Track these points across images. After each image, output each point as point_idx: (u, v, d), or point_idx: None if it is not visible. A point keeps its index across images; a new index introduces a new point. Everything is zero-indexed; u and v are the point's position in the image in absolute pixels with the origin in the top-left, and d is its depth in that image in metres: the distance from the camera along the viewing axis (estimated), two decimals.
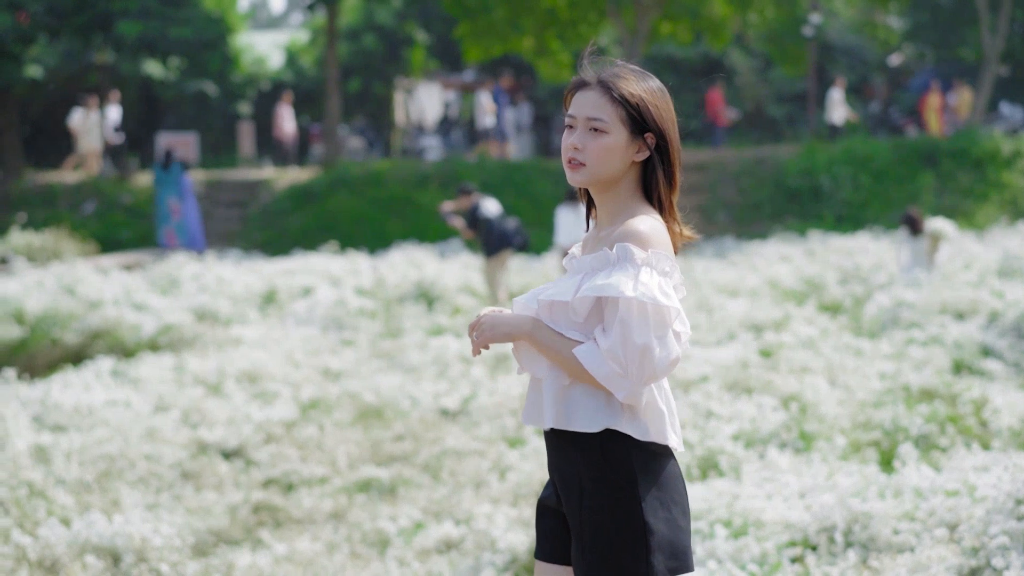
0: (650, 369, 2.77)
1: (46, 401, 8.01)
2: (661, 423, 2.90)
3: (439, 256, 17.97)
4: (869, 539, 4.64)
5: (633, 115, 2.92)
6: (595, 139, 2.93)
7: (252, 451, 7.61)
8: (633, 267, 2.82)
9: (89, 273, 14.89)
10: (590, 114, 2.93)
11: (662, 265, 2.84)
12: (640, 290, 2.77)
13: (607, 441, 2.87)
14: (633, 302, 2.77)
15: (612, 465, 2.86)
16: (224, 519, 6.38)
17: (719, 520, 4.97)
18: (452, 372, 9.88)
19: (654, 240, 2.85)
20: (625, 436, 2.87)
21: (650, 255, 2.83)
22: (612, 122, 2.92)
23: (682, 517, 2.89)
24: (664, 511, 2.86)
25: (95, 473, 6.83)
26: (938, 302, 10.81)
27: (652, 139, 2.95)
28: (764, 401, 6.92)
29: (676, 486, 2.91)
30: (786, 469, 5.69)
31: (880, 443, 6.35)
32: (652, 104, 2.94)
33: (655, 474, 2.87)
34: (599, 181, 2.96)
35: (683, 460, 5.96)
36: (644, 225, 2.87)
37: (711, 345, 9.96)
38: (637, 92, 2.94)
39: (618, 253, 2.85)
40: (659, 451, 2.91)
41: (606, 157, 2.93)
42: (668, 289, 2.82)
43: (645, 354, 2.76)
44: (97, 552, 4.99)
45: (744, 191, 23.70)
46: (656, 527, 2.83)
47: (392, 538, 6.09)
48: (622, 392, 2.80)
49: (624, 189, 2.98)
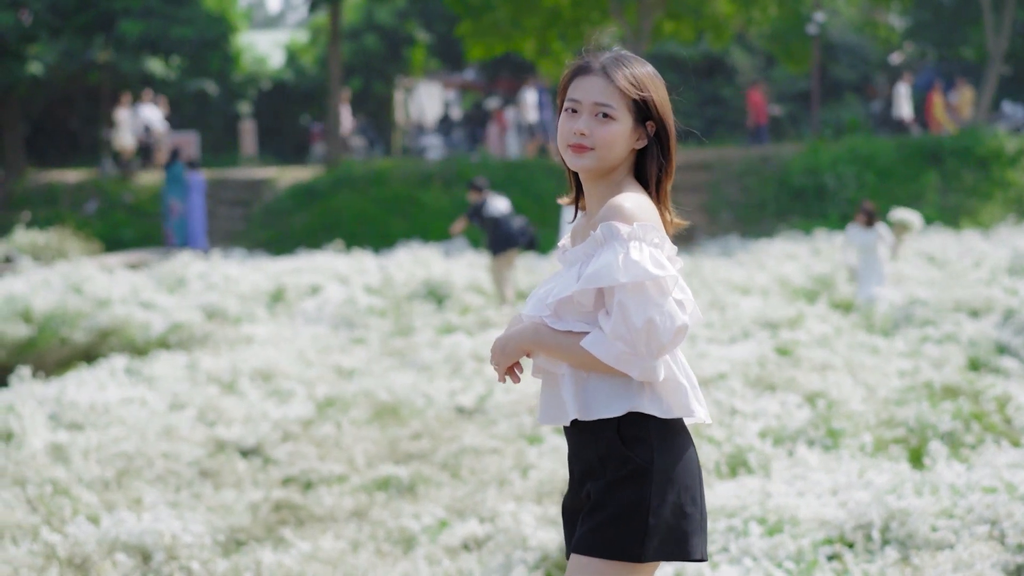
0: (657, 342, 2.75)
1: (61, 399, 7.97)
2: (684, 397, 2.88)
3: (444, 255, 17.94)
4: (907, 536, 4.61)
5: (638, 103, 2.91)
6: (603, 125, 2.91)
7: (270, 449, 7.57)
8: (621, 245, 2.79)
9: (95, 272, 14.86)
10: (598, 99, 2.91)
11: (650, 236, 2.81)
12: (632, 271, 2.75)
13: (625, 422, 2.85)
14: (628, 284, 2.75)
15: (629, 445, 2.85)
16: (245, 517, 6.33)
17: (753, 517, 4.93)
18: (466, 370, 9.84)
19: (639, 214, 2.83)
20: (645, 417, 2.85)
21: (636, 228, 2.80)
22: (620, 109, 2.91)
23: (690, 504, 2.86)
24: (672, 495, 2.83)
25: (114, 471, 6.79)
26: (952, 300, 10.79)
27: (653, 127, 2.94)
28: (788, 398, 6.89)
29: (690, 470, 2.88)
30: (815, 466, 5.66)
31: (906, 440, 6.31)
32: (652, 91, 2.94)
33: (671, 457, 2.85)
34: (604, 168, 2.94)
35: (712, 456, 5.93)
36: (628, 201, 2.84)
37: (726, 343, 9.92)
38: (636, 78, 2.92)
39: (603, 233, 2.82)
40: (679, 429, 2.89)
41: (613, 143, 2.91)
42: (660, 258, 2.79)
43: (650, 329, 2.74)
44: (127, 550, 4.95)
45: (748, 190, 23.67)
46: (659, 511, 2.81)
47: (417, 536, 6.05)
48: (635, 370, 2.79)
49: (618, 176, 2.96)
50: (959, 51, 33.17)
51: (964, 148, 23.22)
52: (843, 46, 34.92)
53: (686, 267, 15.07)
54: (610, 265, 2.77)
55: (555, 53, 26.96)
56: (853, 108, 32.27)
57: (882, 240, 11.94)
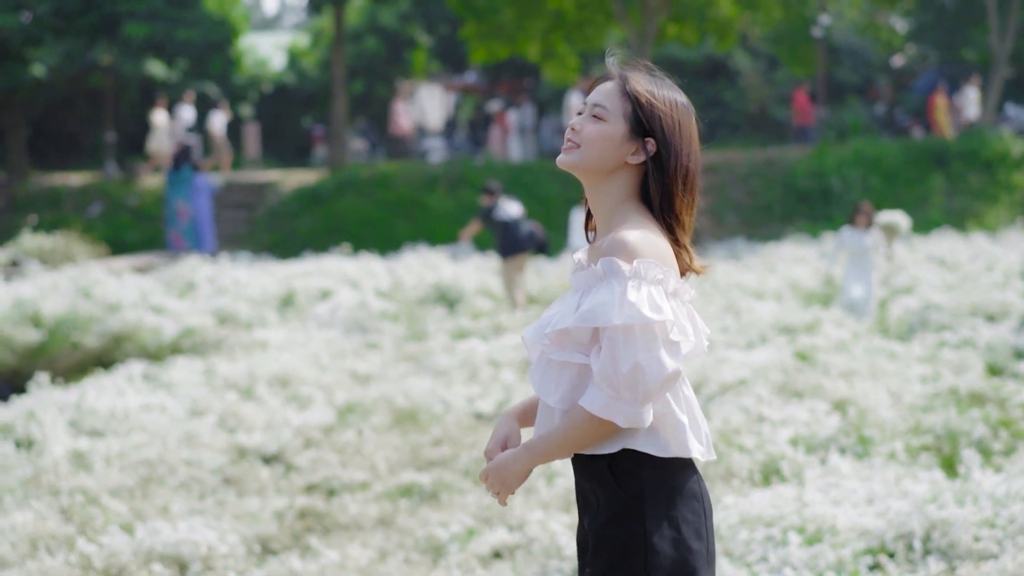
0: (643, 389, 2.67)
1: (81, 406, 7.93)
2: (682, 435, 2.79)
3: (450, 258, 17.91)
4: (949, 546, 4.58)
5: (637, 113, 2.84)
6: (592, 124, 2.86)
7: (292, 456, 7.54)
8: (619, 283, 2.71)
9: (103, 276, 14.80)
10: (597, 100, 2.88)
11: (652, 274, 2.71)
12: (627, 312, 2.67)
13: (616, 458, 2.78)
14: (619, 326, 2.68)
15: (620, 482, 2.77)
16: (272, 525, 6.30)
17: (791, 527, 4.91)
18: (482, 376, 9.81)
19: (642, 249, 2.73)
20: (639, 455, 2.77)
21: (637, 266, 2.71)
22: (613, 111, 2.84)
23: (694, 538, 2.77)
24: (672, 531, 2.75)
25: (137, 479, 6.75)
26: (968, 304, 10.77)
27: (653, 145, 2.84)
28: (816, 405, 6.86)
29: (692, 505, 2.79)
30: (848, 474, 5.63)
31: (937, 448, 6.29)
32: (664, 111, 2.84)
33: (669, 491, 2.77)
34: (587, 168, 2.86)
35: (744, 464, 5.90)
36: (632, 235, 2.75)
37: (742, 348, 9.90)
38: (649, 92, 2.85)
39: (604, 268, 2.75)
40: (677, 466, 2.80)
41: (598, 143, 2.84)
42: (659, 300, 2.69)
43: (636, 374, 2.67)
44: (163, 560, 4.91)
45: (753, 192, 23.67)
46: (659, 547, 2.73)
47: (446, 545, 6.01)
48: (620, 417, 2.70)
49: (616, 191, 2.87)
50: (961, 53, 33.18)
51: (970, 151, 23.23)
52: (846, 48, 34.92)
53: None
54: (604, 304, 2.70)
55: (559, 56, 26.94)
56: (856, 111, 32.25)
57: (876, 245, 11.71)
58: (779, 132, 33.42)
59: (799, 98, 28.46)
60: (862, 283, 11.66)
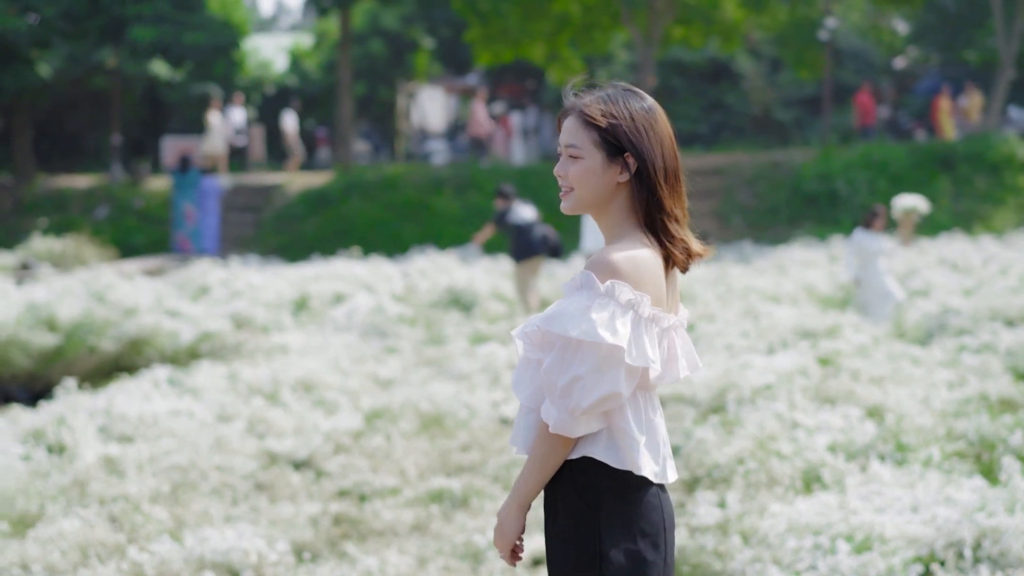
0: (574, 403, 2.74)
1: (111, 411, 7.93)
2: (633, 452, 2.82)
3: (460, 261, 17.91)
4: (1000, 554, 4.60)
5: (606, 137, 2.88)
6: (573, 165, 2.91)
7: (322, 461, 7.54)
8: (588, 298, 2.78)
9: (115, 279, 14.82)
10: (566, 140, 2.93)
11: (623, 296, 2.76)
12: (584, 327, 2.72)
13: (577, 469, 2.83)
14: (572, 339, 2.74)
15: (579, 492, 2.83)
16: (307, 531, 6.31)
17: (839, 535, 4.92)
18: (504, 380, 9.81)
19: (621, 271, 2.79)
20: (598, 464, 2.82)
21: (610, 285, 2.77)
22: (585, 146, 2.89)
23: (651, 550, 2.80)
24: (628, 542, 2.79)
25: (169, 484, 6.76)
26: (986, 308, 10.77)
27: (632, 160, 2.89)
28: (850, 412, 6.88)
29: (650, 517, 2.83)
30: (890, 482, 5.65)
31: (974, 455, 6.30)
32: (627, 125, 2.88)
33: (627, 504, 2.81)
34: (588, 207, 2.93)
35: (785, 471, 5.91)
36: (617, 256, 2.81)
37: (763, 352, 9.90)
38: (609, 113, 2.89)
39: (580, 280, 2.82)
40: (636, 481, 2.83)
41: (586, 181, 2.90)
42: (619, 324, 2.74)
43: (572, 387, 2.74)
44: (215, 568, 4.92)
45: (760, 195, 23.70)
46: (614, 558, 2.78)
47: (483, 551, 6.02)
48: (550, 420, 2.77)
49: (616, 212, 2.93)
50: (963, 55, 33.21)
51: (976, 153, 23.27)
52: (848, 51, 34.97)
53: (710, 275, 15.07)
54: (567, 314, 2.76)
55: (564, 59, 26.97)
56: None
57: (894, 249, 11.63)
58: (783, 134, 33.46)
59: (862, 98, 28.41)
60: (874, 287, 11.68)
